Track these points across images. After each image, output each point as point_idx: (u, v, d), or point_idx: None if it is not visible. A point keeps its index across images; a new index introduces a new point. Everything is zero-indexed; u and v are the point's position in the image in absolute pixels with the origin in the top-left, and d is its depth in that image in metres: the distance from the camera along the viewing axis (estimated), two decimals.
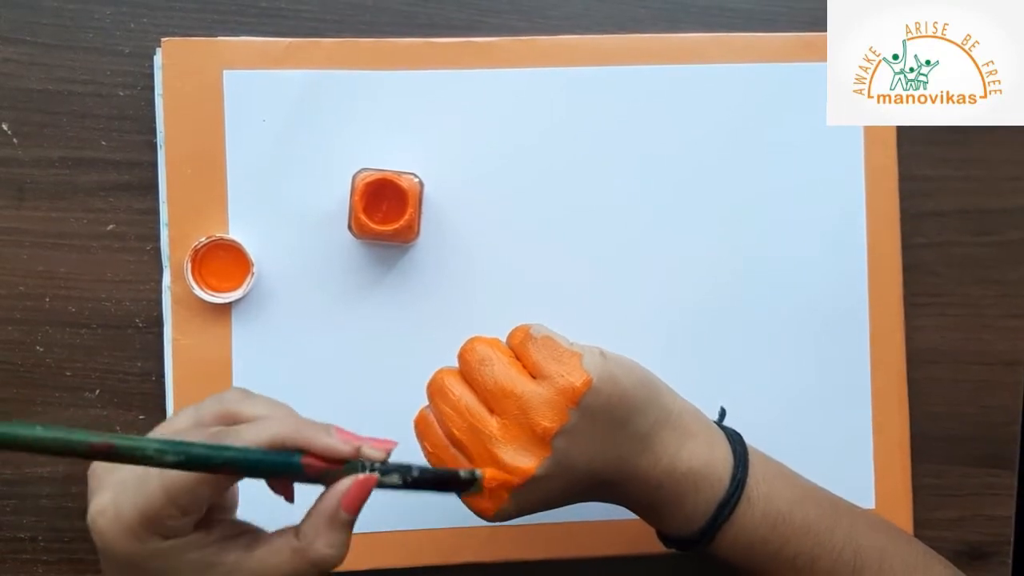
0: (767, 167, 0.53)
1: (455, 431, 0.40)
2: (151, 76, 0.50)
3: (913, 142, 0.54)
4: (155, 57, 0.50)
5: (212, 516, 0.36)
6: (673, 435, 0.41)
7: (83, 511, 0.51)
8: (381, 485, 0.36)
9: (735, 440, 0.43)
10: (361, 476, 0.35)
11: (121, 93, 0.51)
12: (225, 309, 0.50)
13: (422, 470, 0.37)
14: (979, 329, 0.55)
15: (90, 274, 0.51)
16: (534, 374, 0.40)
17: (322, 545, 0.35)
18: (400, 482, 0.36)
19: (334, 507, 0.35)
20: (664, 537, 0.44)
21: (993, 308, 0.55)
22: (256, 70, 0.50)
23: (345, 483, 0.35)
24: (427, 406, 0.42)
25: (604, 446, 0.40)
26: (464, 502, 0.40)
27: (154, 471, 0.33)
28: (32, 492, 0.51)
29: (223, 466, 0.33)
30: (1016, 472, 0.55)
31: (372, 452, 0.36)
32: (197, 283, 0.50)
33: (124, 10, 0.51)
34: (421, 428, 0.41)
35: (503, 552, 0.52)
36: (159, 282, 0.51)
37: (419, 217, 0.49)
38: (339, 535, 0.35)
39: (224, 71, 0.50)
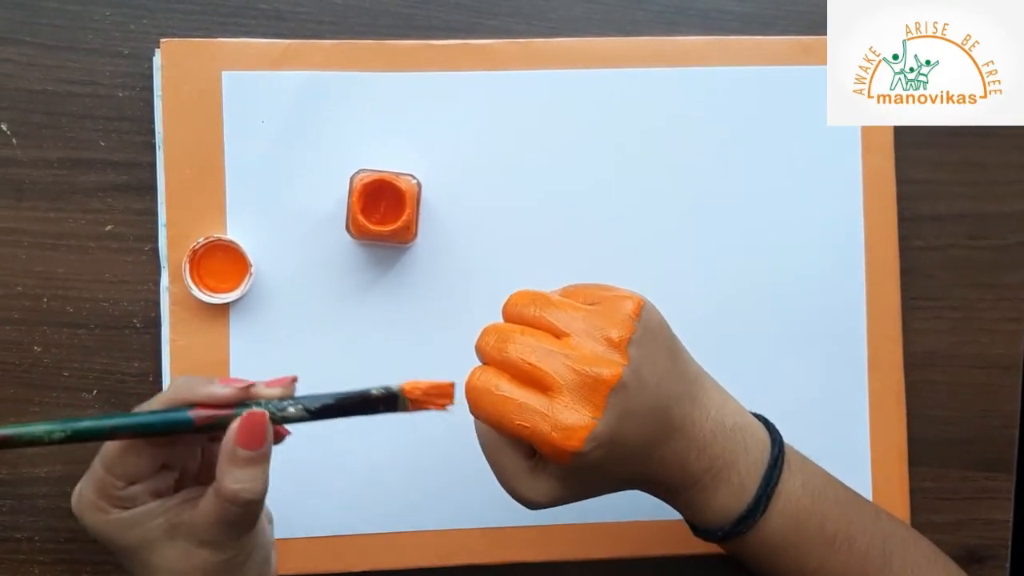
0: (765, 170, 0.53)
1: (530, 359, 0.37)
2: (150, 77, 0.51)
3: (910, 146, 0.54)
4: (154, 58, 0.50)
5: (185, 484, 0.40)
6: (715, 389, 0.42)
7: None
8: (285, 420, 0.38)
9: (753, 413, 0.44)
10: (246, 412, 0.37)
11: (120, 94, 0.51)
12: (223, 310, 0.50)
13: (324, 396, 0.38)
14: (976, 332, 0.55)
15: (88, 274, 0.51)
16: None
17: (229, 482, 0.37)
18: (303, 413, 0.38)
19: (231, 445, 0.37)
20: (705, 530, 0.42)
21: (990, 311, 0.55)
22: (255, 71, 0.50)
23: (235, 422, 0.37)
24: (473, 370, 0.39)
25: (666, 372, 0.39)
26: (552, 436, 0.37)
27: (97, 457, 0.38)
28: (28, 492, 0.51)
29: (113, 432, 0.37)
30: (1014, 476, 0.55)
31: (266, 391, 0.38)
32: (195, 284, 0.50)
33: (124, 11, 0.51)
34: (480, 386, 0.38)
35: (504, 554, 0.52)
36: (157, 283, 0.51)
37: (417, 218, 0.49)
38: (244, 471, 0.37)
39: (223, 72, 0.50)
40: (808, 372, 0.53)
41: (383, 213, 0.49)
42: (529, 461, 0.39)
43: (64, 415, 0.50)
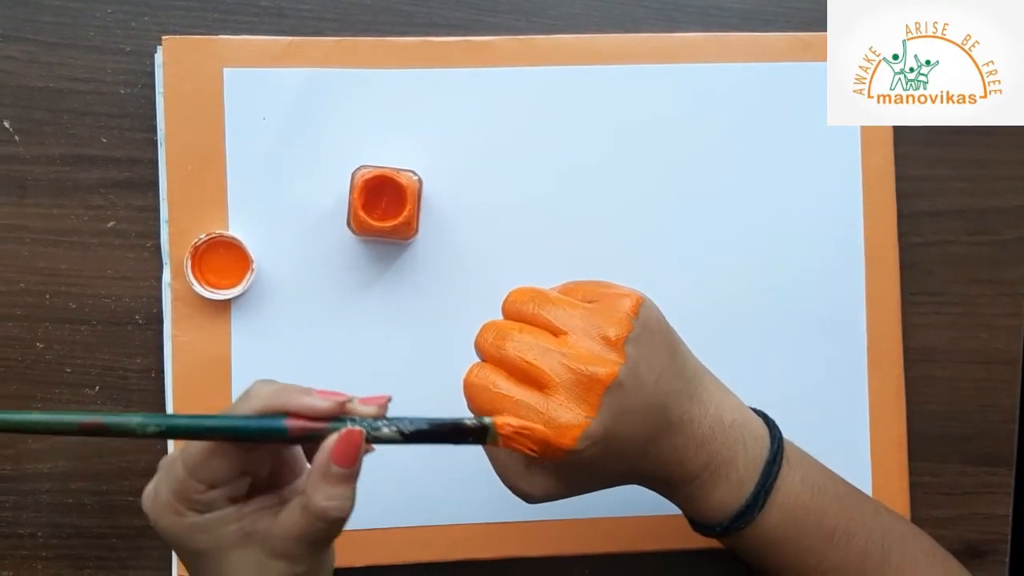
0: (764, 166, 0.53)
1: (527, 357, 0.38)
2: (152, 74, 0.51)
3: (910, 142, 0.54)
4: (156, 55, 0.50)
5: (254, 491, 0.38)
6: (714, 385, 0.42)
7: (81, 508, 0.51)
8: (377, 440, 0.37)
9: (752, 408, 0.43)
10: (345, 429, 0.36)
11: (122, 91, 0.51)
12: (225, 306, 0.51)
13: (419, 420, 0.37)
14: (976, 328, 0.55)
15: (90, 271, 0.51)
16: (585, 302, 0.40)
17: (320, 498, 0.36)
18: (397, 435, 0.37)
19: (325, 461, 0.36)
20: (703, 525, 0.42)
21: (989, 307, 0.55)
22: (256, 68, 0.51)
23: (332, 437, 0.36)
24: (476, 364, 0.40)
25: (664, 370, 0.39)
26: (546, 434, 0.37)
27: (179, 455, 0.37)
28: (31, 488, 0.51)
29: (206, 433, 0.36)
30: (1013, 470, 0.55)
31: (362, 408, 0.37)
32: (197, 280, 0.50)
33: (125, 8, 0.51)
34: (477, 383, 0.39)
35: (504, 549, 0.52)
36: (159, 279, 0.51)
37: (418, 214, 0.50)
38: (336, 488, 0.36)
39: (224, 69, 0.50)
40: (808, 368, 0.53)
41: (384, 209, 0.49)
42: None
43: (67, 411, 0.51)
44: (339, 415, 0.37)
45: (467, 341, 0.51)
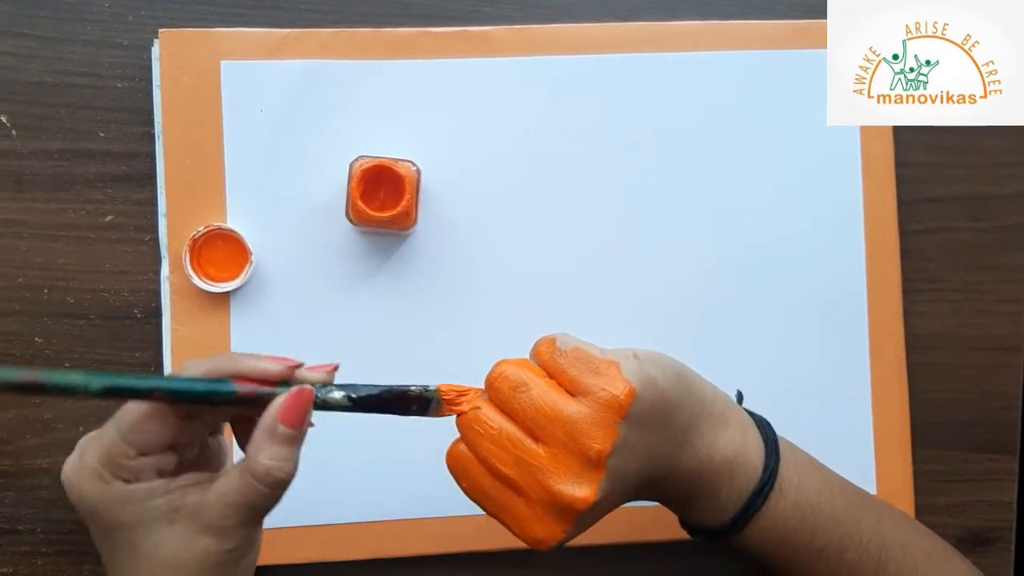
0: (764, 154, 0.53)
1: (500, 466, 0.37)
2: (149, 68, 0.51)
3: (908, 129, 0.54)
4: (152, 48, 0.50)
5: (183, 467, 0.38)
6: (709, 424, 0.40)
7: None
8: (326, 406, 0.37)
9: (764, 427, 0.42)
10: (295, 388, 0.36)
11: (119, 85, 0.51)
12: (224, 298, 0.50)
13: (368, 387, 0.38)
14: (977, 314, 0.55)
15: (89, 265, 0.51)
16: (572, 390, 0.38)
17: (263, 458, 0.36)
18: (345, 400, 0.37)
19: (271, 420, 0.36)
20: (691, 528, 0.43)
21: (991, 293, 0.55)
22: (253, 60, 0.51)
23: (281, 396, 0.36)
24: (458, 440, 0.39)
25: (650, 450, 0.39)
26: (522, 538, 0.38)
27: (112, 421, 0.36)
28: (30, 484, 0.51)
29: (151, 393, 0.35)
30: (1017, 458, 0.55)
31: (311, 375, 0.37)
32: (196, 273, 0.50)
33: (122, 2, 0.51)
34: (457, 466, 0.39)
35: (505, 540, 0.51)
36: (158, 272, 0.51)
37: (416, 204, 0.49)
38: (279, 448, 0.36)
39: (221, 62, 0.50)
40: (810, 357, 0.53)
41: (383, 199, 0.49)
42: None
43: (65, 406, 0.50)
44: (288, 379, 0.37)
45: (465, 331, 0.51)
